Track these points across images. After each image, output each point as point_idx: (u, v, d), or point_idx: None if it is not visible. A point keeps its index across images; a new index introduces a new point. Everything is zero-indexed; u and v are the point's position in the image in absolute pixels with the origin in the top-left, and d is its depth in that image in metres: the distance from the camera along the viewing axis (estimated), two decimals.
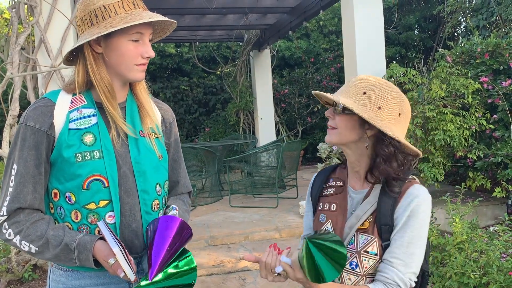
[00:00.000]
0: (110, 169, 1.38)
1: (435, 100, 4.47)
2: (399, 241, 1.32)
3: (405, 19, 10.33)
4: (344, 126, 1.36)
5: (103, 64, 1.40)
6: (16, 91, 4.02)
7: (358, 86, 1.35)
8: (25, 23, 4.09)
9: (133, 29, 1.36)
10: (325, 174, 1.54)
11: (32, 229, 1.34)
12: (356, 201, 1.43)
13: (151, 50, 1.41)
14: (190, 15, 7.58)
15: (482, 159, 4.66)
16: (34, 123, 1.35)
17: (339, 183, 1.49)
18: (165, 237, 1.30)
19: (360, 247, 1.36)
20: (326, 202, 1.47)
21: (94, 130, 1.39)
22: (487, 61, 4.93)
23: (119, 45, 1.37)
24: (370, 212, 1.38)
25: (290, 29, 7.71)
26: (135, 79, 1.42)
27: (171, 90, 10.61)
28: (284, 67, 11.08)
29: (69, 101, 1.41)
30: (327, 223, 1.43)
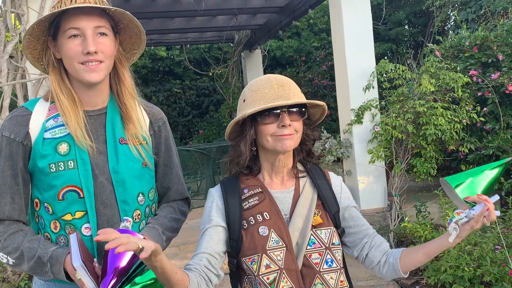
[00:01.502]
0: (85, 179, 1.33)
1: (425, 95, 4.48)
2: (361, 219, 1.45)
3: (394, 14, 10.36)
4: (301, 129, 1.38)
5: (63, 70, 1.36)
6: (6, 100, 4.01)
7: (296, 87, 1.39)
8: (13, 32, 4.08)
9: (66, 24, 1.29)
10: (235, 187, 1.41)
11: (9, 240, 1.31)
12: (285, 201, 1.40)
13: (89, 44, 1.29)
14: (179, 18, 7.57)
15: (474, 152, 4.68)
16: (9, 133, 1.32)
17: (257, 189, 1.40)
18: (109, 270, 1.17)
19: (326, 242, 1.35)
20: (255, 213, 1.36)
21: (69, 139, 1.34)
22: (475, 54, 4.95)
23: (61, 44, 1.32)
24: (314, 207, 1.39)
25: (280, 28, 7.71)
26: (85, 80, 1.33)
27: (163, 93, 10.60)
28: (276, 67, 11.09)
29: (46, 110, 1.36)
30: (271, 233, 1.34)
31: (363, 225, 1.44)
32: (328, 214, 1.40)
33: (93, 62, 1.31)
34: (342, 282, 1.36)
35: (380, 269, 1.40)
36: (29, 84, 4.14)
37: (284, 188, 1.42)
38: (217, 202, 1.40)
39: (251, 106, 1.34)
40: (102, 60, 1.33)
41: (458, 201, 1.32)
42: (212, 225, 1.37)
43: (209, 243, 1.35)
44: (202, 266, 1.32)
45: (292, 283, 1.31)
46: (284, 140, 1.33)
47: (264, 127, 1.35)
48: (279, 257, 1.32)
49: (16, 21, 4.27)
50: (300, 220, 1.36)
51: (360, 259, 1.44)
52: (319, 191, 1.42)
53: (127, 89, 1.44)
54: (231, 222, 1.36)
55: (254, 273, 1.32)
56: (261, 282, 1.31)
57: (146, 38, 1.44)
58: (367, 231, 1.43)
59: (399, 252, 1.37)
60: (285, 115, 1.33)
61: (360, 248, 1.43)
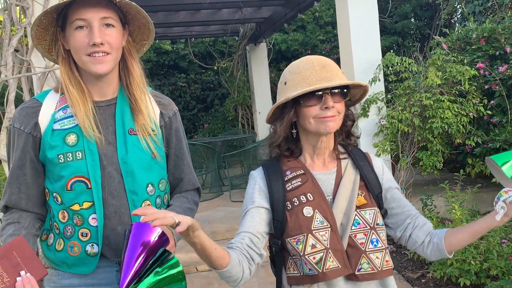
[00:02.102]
0: (92, 170, 1.33)
1: (432, 88, 4.45)
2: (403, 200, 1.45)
3: (401, 7, 10.29)
4: (343, 111, 1.39)
5: (72, 61, 1.36)
6: (11, 93, 4.02)
7: (337, 69, 1.39)
8: (18, 25, 4.07)
9: (73, 15, 1.30)
10: (277, 169, 1.43)
11: (4, 230, 1.36)
12: (327, 183, 1.41)
13: (95, 36, 1.28)
14: (184, 11, 7.55)
15: (481, 145, 4.65)
16: (20, 125, 1.34)
17: (300, 171, 1.41)
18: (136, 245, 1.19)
19: (371, 222, 1.36)
20: (299, 194, 1.37)
21: (77, 130, 1.35)
22: (483, 47, 4.91)
23: (69, 36, 1.32)
24: (357, 187, 1.39)
25: (285, 21, 7.67)
26: (92, 71, 1.33)
27: (168, 87, 10.59)
28: (281, 60, 11.04)
29: (56, 101, 1.38)
30: (315, 213, 1.34)
31: (405, 205, 1.45)
32: (371, 194, 1.41)
33: (100, 54, 1.31)
34: (387, 262, 1.36)
35: (424, 250, 1.41)
36: (35, 78, 4.14)
37: (326, 170, 1.43)
38: (260, 184, 1.41)
39: (293, 88, 1.34)
40: (109, 51, 1.32)
41: (504, 180, 1.32)
42: (254, 206, 1.39)
43: (251, 223, 1.36)
44: (244, 245, 1.33)
45: (338, 263, 1.31)
46: (327, 122, 1.34)
47: (307, 109, 1.35)
48: (324, 237, 1.32)
49: (21, 14, 4.27)
50: (344, 201, 1.37)
51: (403, 240, 1.45)
52: (362, 172, 1.43)
53: (135, 80, 1.43)
54: (274, 203, 1.37)
55: (300, 253, 1.32)
56: (307, 262, 1.31)
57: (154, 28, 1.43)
58: (409, 212, 1.44)
59: (443, 232, 1.38)
60: (328, 97, 1.33)
61: (403, 228, 1.43)
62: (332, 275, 1.30)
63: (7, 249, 1.18)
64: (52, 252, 1.40)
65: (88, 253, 1.36)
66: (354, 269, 1.32)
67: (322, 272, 1.29)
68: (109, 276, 1.41)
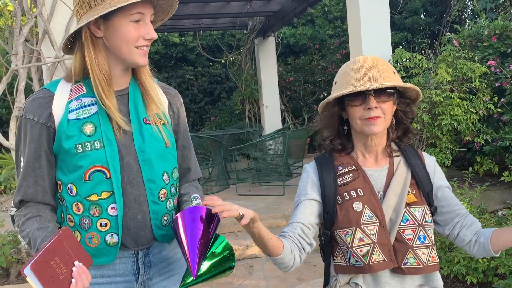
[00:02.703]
0: (111, 159, 1.33)
1: (441, 84, 4.42)
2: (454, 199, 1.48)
3: (411, 3, 10.22)
4: (390, 111, 1.42)
5: (103, 49, 1.35)
6: (21, 83, 4.03)
7: (386, 69, 1.40)
8: (29, 15, 4.08)
9: (133, 8, 1.30)
10: (330, 163, 1.49)
11: (25, 225, 1.34)
12: (378, 179, 1.46)
13: (153, 31, 1.35)
14: (193, 3, 7.53)
15: (490, 143, 4.62)
16: (33, 116, 1.32)
17: (352, 167, 1.46)
18: (195, 230, 1.26)
19: (420, 219, 1.40)
20: (350, 190, 1.42)
21: (94, 119, 1.35)
22: (494, 44, 4.86)
23: (119, 26, 1.32)
24: (408, 185, 1.43)
25: (295, 15, 7.65)
26: (136, 63, 1.37)
27: (176, 80, 10.59)
28: (289, 54, 11.02)
29: (68, 91, 1.37)
30: (365, 209, 1.39)
31: (455, 205, 1.47)
32: (422, 192, 1.45)
33: (145, 47, 1.36)
34: (433, 258, 1.40)
35: (470, 248, 1.45)
36: (44, 68, 4.15)
37: (378, 166, 1.48)
38: (312, 178, 1.49)
39: (339, 89, 1.40)
40: (149, 45, 1.38)
41: None
42: (306, 198, 1.46)
43: (303, 214, 1.45)
44: (296, 234, 1.42)
45: (385, 256, 1.37)
46: (371, 125, 1.39)
47: (352, 109, 1.41)
48: (372, 232, 1.38)
49: (32, 4, 4.27)
50: (394, 197, 1.41)
51: (451, 237, 1.48)
52: (413, 170, 1.46)
53: (146, 70, 1.46)
54: (326, 196, 1.44)
55: (348, 245, 1.38)
56: (354, 254, 1.37)
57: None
58: (459, 211, 1.47)
59: (490, 232, 1.40)
60: (372, 97, 1.37)
61: (452, 227, 1.47)
62: (378, 268, 1.36)
63: (59, 241, 1.18)
64: None
65: (108, 243, 1.35)
66: (400, 263, 1.37)
67: (368, 264, 1.36)
68: (125, 267, 1.41)
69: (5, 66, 4.54)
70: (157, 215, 1.44)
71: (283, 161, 6.14)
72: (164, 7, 1.44)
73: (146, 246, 1.43)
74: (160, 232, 1.44)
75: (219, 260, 1.31)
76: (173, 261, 1.52)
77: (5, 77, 4.03)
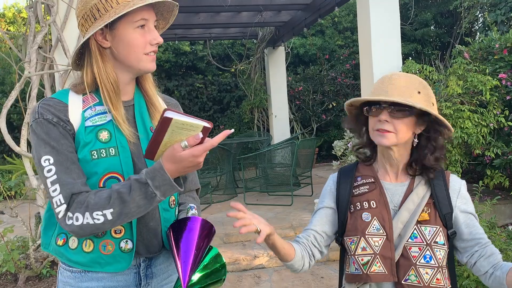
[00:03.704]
0: (126, 166, 1.34)
1: (452, 97, 4.40)
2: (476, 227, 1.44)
3: (421, 15, 10.21)
4: (405, 129, 1.39)
5: (111, 59, 1.36)
6: (34, 90, 4.07)
7: (408, 87, 1.38)
8: (42, 22, 4.13)
9: (137, 15, 1.32)
10: (350, 174, 1.53)
11: (97, 197, 1.24)
12: (396, 195, 1.46)
13: (158, 36, 1.36)
14: (204, 13, 7.59)
15: (500, 156, 4.59)
16: (52, 117, 1.30)
17: (370, 179, 1.49)
18: (190, 240, 1.27)
19: (429, 239, 1.39)
20: (363, 200, 1.46)
21: (109, 126, 1.35)
22: (505, 57, 4.84)
23: (125, 34, 1.33)
24: (424, 204, 1.42)
25: (305, 26, 7.67)
26: (146, 69, 1.37)
27: (185, 88, 10.65)
28: (299, 64, 11.05)
29: (81, 101, 1.37)
30: (373, 220, 1.42)
31: (476, 233, 1.44)
32: (438, 213, 1.43)
33: (153, 53, 1.37)
34: (438, 280, 1.38)
35: (486, 279, 1.42)
36: (57, 75, 4.20)
37: (398, 182, 1.48)
38: (331, 187, 1.56)
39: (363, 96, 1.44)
40: (157, 51, 1.41)
41: None
42: (323, 207, 1.54)
43: (319, 222, 1.53)
44: (309, 242, 1.51)
45: (385, 269, 1.39)
46: (379, 137, 1.40)
47: (369, 119, 1.45)
48: (376, 243, 1.40)
49: (46, 12, 4.33)
50: (406, 213, 1.42)
51: (469, 266, 1.47)
52: (433, 190, 1.44)
53: (149, 78, 1.48)
54: (340, 204, 1.50)
55: (351, 252, 1.44)
56: (355, 261, 1.42)
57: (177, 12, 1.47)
58: (479, 240, 1.44)
59: (508, 267, 1.36)
60: (385, 111, 1.38)
61: (470, 255, 1.44)
62: (375, 279, 1.38)
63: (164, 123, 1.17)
64: (79, 255, 1.35)
65: (122, 249, 1.35)
66: (401, 278, 1.38)
67: (366, 273, 1.39)
68: (127, 278, 1.41)
69: (18, 73, 4.59)
70: (167, 222, 1.45)
71: (291, 170, 6.13)
72: (164, 15, 1.45)
73: (156, 254, 1.44)
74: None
75: (210, 272, 1.32)
76: (174, 273, 1.53)
77: (18, 84, 4.08)
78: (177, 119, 1.16)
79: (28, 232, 4.10)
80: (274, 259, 4.34)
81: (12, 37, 7.11)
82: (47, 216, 1.42)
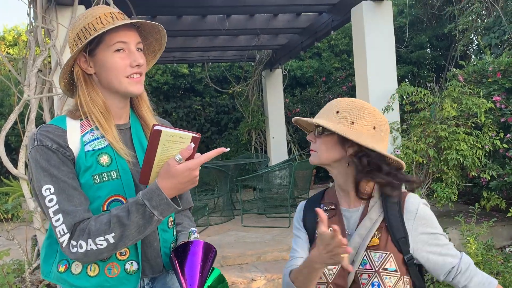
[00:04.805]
0: (128, 188, 1.35)
1: (447, 119, 4.45)
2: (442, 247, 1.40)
3: (416, 38, 10.36)
4: (324, 148, 1.43)
5: (96, 85, 1.38)
6: (33, 113, 4.10)
7: (331, 108, 1.43)
8: (42, 46, 4.19)
9: (113, 39, 1.33)
10: (315, 201, 1.56)
11: (98, 223, 1.25)
12: (352, 220, 1.45)
13: (139, 57, 1.36)
14: (202, 37, 7.69)
15: (496, 178, 4.61)
16: (51, 144, 1.30)
17: (331, 206, 1.50)
18: (194, 264, 1.29)
19: (377, 265, 1.35)
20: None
21: (109, 150, 1.36)
22: (499, 80, 4.91)
23: (105, 59, 1.34)
24: (375, 228, 1.39)
25: (302, 49, 7.77)
26: (129, 92, 1.37)
27: (183, 110, 10.70)
28: (296, 86, 11.14)
29: (79, 126, 1.37)
30: None
31: (445, 254, 1.40)
32: (391, 238, 1.37)
33: (137, 75, 1.37)
34: None
35: None
36: (56, 98, 4.24)
37: (353, 207, 1.47)
38: (297, 216, 1.59)
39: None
40: (142, 72, 1.40)
41: None
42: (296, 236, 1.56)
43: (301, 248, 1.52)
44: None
45: None
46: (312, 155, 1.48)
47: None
48: (331, 272, 1.39)
49: (46, 36, 4.39)
50: (358, 239, 1.40)
51: (448, 281, 1.44)
52: (385, 214, 1.39)
53: (145, 102, 1.49)
54: (308, 234, 1.52)
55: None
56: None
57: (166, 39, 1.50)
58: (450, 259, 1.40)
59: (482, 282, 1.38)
60: (312, 132, 1.48)
61: (446, 274, 1.40)
62: None
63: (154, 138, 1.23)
64: (83, 279, 1.34)
65: (127, 271, 1.35)
66: None
67: None
68: None
69: (17, 95, 4.63)
70: (167, 243, 1.47)
71: (289, 192, 6.13)
72: (154, 36, 1.47)
73: (160, 275, 1.45)
74: (167, 260, 1.46)
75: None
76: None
77: (17, 106, 4.11)
78: (167, 130, 1.20)
79: (24, 255, 4.08)
80: (271, 282, 4.31)
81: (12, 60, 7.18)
82: (47, 244, 1.41)
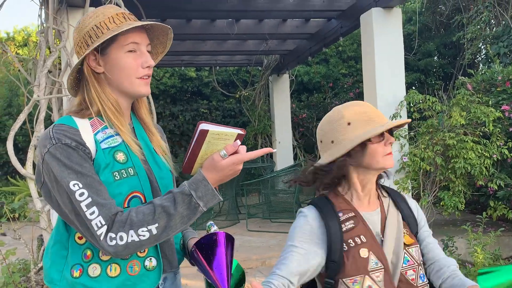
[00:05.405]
0: (145, 185, 1.35)
1: (455, 127, 4.44)
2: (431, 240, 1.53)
3: (424, 45, 10.34)
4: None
5: (106, 83, 1.38)
6: (42, 113, 4.12)
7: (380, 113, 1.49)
8: (53, 47, 4.22)
9: (127, 39, 1.34)
10: (330, 210, 1.44)
11: (140, 214, 1.22)
12: (374, 222, 1.47)
13: (150, 59, 1.37)
14: (211, 41, 7.72)
15: (504, 188, 4.59)
16: (70, 141, 1.27)
17: (351, 213, 1.44)
18: (220, 255, 1.31)
19: (418, 259, 1.45)
20: (354, 236, 1.40)
21: (123, 148, 1.35)
22: (508, 89, 4.90)
23: (117, 59, 1.35)
24: (402, 227, 1.47)
25: (309, 54, 7.78)
26: (140, 93, 1.38)
27: (190, 113, 10.73)
28: (303, 92, 11.14)
29: (89, 125, 1.35)
30: (370, 255, 1.38)
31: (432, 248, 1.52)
32: (412, 233, 1.49)
33: (147, 76, 1.38)
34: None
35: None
36: (65, 99, 4.26)
37: (371, 210, 1.48)
38: (312, 225, 1.43)
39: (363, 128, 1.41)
40: (151, 74, 1.41)
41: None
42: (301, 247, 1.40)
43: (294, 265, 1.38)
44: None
45: None
46: (389, 160, 1.43)
47: (376, 147, 1.42)
48: (379, 278, 1.38)
49: (56, 38, 4.43)
50: (393, 240, 1.43)
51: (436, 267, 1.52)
52: (403, 213, 1.51)
53: (144, 104, 1.50)
54: (332, 243, 1.39)
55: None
56: None
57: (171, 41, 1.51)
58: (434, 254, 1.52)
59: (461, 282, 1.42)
60: (388, 134, 1.45)
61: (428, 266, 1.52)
62: None
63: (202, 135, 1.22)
64: (104, 282, 1.31)
65: (147, 268, 1.35)
66: None
67: None
68: None
69: (26, 96, 4.66)
70: (177, 239, 1.50)
71: (295, 197, 6.13)
72: (161, 39, 1.48)
73: (176, 269, 1.46)
74: (178, 256, 1.48)
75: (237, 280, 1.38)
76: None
77: (27, 107, 4.13)
78: (213, 130, 1.20)
79: (30, 255, 4.09)
80: None
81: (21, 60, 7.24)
82: (53, 251, 1.36)
